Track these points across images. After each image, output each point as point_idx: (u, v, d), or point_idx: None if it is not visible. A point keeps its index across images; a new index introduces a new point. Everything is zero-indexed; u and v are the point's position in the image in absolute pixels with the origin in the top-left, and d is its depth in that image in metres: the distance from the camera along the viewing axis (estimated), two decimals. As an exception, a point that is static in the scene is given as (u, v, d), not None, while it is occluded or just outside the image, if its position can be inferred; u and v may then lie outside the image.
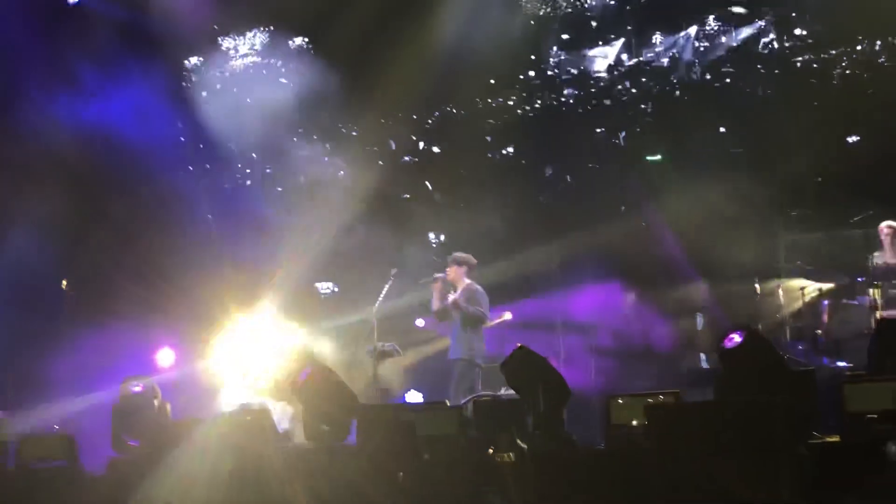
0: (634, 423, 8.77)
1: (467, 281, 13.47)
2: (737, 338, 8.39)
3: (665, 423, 7.41)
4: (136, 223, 16.30)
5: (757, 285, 15.57)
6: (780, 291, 15.53)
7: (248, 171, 17.66)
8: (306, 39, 17.48)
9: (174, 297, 15.49)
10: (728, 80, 16.68)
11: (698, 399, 10.45)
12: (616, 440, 8.84)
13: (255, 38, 17.68)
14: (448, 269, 13.47)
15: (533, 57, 17.24)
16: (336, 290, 16.84)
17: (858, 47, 16.04)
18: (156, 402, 10.14)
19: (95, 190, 16.42)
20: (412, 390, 14.44)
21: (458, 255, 13.66)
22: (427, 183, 17.32)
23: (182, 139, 17.30)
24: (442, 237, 17.07)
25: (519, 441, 6.61)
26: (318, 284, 17.01)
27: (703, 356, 15.31)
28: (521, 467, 6.51)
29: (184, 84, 17.37)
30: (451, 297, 13.24)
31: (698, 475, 7.00)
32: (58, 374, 14.71)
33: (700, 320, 15.98)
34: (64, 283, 15.75)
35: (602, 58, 17.19)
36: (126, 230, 16.22)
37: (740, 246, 15.90)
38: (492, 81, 17.10)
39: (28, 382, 14.98)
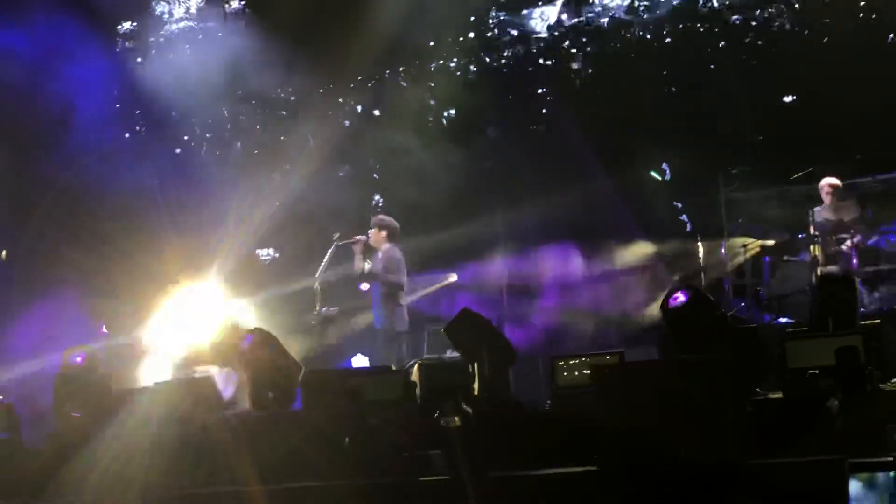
0: (579, 383, 8.82)
1: (387, 245, 13.35)
2: (681, 297, 8.42)
3: (610, 384, 7.41)
4: (77, 190, 16.10)
5: (699, 243, 15.69)
6: (723, 249, 15.64)
7: (187, 136, 17.42)
8: (243, 3, 17.26)
9: (118, 263, 15.34)
10: (668, 41, 16.65)
11: (642, 358, 10.55)
12: (562, 401, 8.87)
13: (191, 2, 17.43)
14: (371, 231, 13.36)
15: (472, 18, 17.10)
16: (277, 255, 16.72)
17: (797, 5, 16.08)
18: (98, 372, 9.99)
19: (34, 156, 16.22)
20: (359, 355, 14.38)
21: (382, 217, 13.56)
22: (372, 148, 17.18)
23: (118, 105, 17.04)
24: (382, 201, 16.97)
25: (464, 405, 6.59)
26: (259, 251, 16.89)
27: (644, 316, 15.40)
28: (467, 431, 6.50)
29: (117, 49, 17.08)
30: (368, 265, 13.15)
31: (645, 435, 7.02)
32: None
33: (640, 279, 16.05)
34: (3, 252, 15.57)
35: (542, 19, 17.11)
36: (67, 197, 16.02)
37: (683, 205, 16.02)
38: (431, 44, 16.95)
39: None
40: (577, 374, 8.94)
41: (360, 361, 14.05)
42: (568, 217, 15.99)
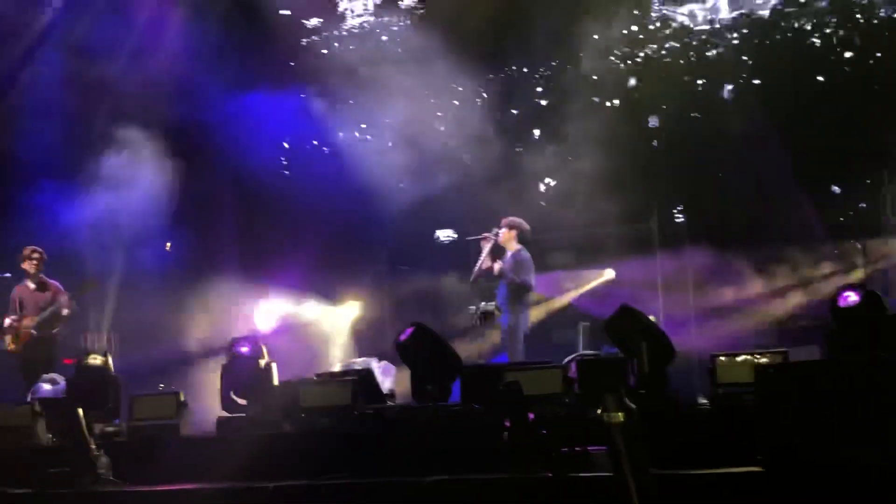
0: (740, 382, 8.68)
1: (518, 246, 13.39)
2: (853, 296, 8.21)
3: (774, 383, 7.30)
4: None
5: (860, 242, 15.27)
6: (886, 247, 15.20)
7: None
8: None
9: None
10: (828, 31, 16.20)
11: (803, 358, 10.34)
12: (722, 399, 8.76)
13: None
14: (501, 231, 13.39)
15: (636, 12, 17.05)
16: (456, 237, 16.86)
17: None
18: (262, 363, 10.26)
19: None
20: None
21: (512, 218, 13.55)
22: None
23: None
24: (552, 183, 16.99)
25: (627, 401, 6.57)
26: (438, 232, 17.21)
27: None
28: (631, 427, 6.48)
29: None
30: (498, 265, 13.19)
31: (810, 436, 6.90)
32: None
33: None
34: (168, 244, 16.14)
35: (703, 10, 16.90)
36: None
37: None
38: (595, 37, 16.95)
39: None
40: (738, 372, 8.81)
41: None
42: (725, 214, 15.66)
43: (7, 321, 13.70)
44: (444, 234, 17.05)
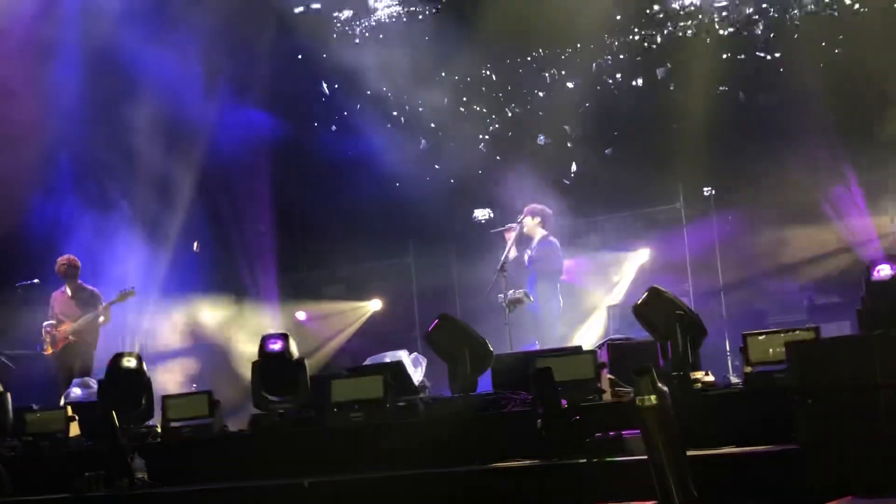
0: (773, 359, 8.61)
1: (543, 232, 13.36)
2: (887, 269, 8.04)
3: (807, 360, 7.22)
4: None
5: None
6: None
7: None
8: None
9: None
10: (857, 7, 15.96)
11: (834, 334, 10.25)
12: (755, 378, 8.70)
13: None
14: (524, 220, 13.35)
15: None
16: (493, 215, 16.94)
17: None
18: (293, 359, 10.27)
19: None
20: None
21: (535, 205, 13.52)
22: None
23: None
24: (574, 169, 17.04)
25: (660, 383, 6.53)
26: (476, 212, 17.29)
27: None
28: (663, 410, 6.44)
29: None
30: (527, 254, 13.19)
31: (845, 413, 6.84)
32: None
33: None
34: (196, 244, 16.24)
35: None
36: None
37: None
38: (618, 17, 16.91)
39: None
40: (769, 350, 8.73)
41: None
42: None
43: (45, 326, 13.86)
44: (482, 214, 17.13)
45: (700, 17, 16.80)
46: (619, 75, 17.06)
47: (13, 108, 15.13)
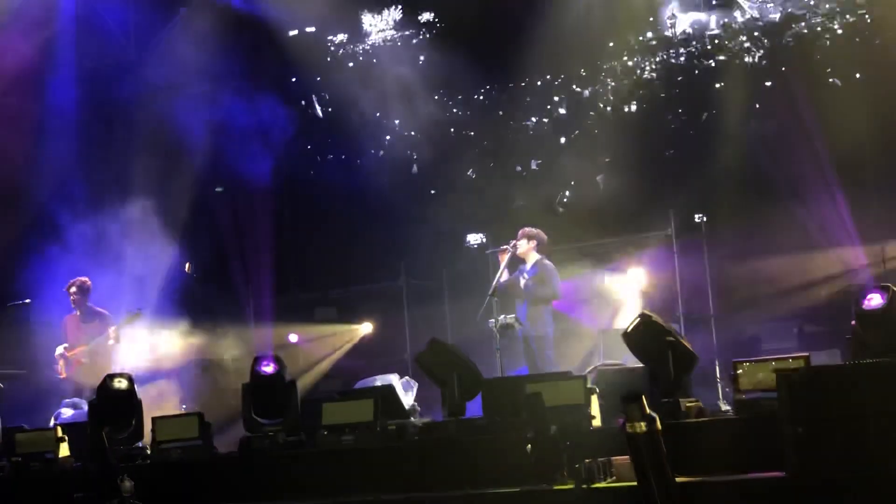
0: (762, 387, 8.62)
1: (538, 256, 13.37)
2: (877, 298, 8.05)
3: (797, 388, 7.24)
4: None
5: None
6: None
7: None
8: (432, 15, 18.25)
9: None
10: (840, 32, 16.11)
11: (825, 362, 10.26)
12: (744, 406, 8.72)
13: (391, 14, 18.55)
14: (517, 243, 13.36)
15: (651, 19, 17.12)
16: (484, 240, 17.02)
17: None
18: (285, 380, 10.26)
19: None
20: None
21: (529, 229, 13.49)
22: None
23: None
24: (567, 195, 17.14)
25: (650, 410, 6.55)
26: (469, 237, 17.47)
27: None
28: (655, 436, 6.46)
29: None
30: (523, 281, 13.21)
31: (834, 442, 6.85)
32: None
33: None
34: (187, 265, 16.25)
35: (716, 16, 16.93)
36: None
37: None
38: (611, 44, 17.02)
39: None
40: (760, 377, 8.75)
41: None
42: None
43: (58, 350, 13.92)
44: (474, 239, 17.19)
45: (693, 43, 16.94)
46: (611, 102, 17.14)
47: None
